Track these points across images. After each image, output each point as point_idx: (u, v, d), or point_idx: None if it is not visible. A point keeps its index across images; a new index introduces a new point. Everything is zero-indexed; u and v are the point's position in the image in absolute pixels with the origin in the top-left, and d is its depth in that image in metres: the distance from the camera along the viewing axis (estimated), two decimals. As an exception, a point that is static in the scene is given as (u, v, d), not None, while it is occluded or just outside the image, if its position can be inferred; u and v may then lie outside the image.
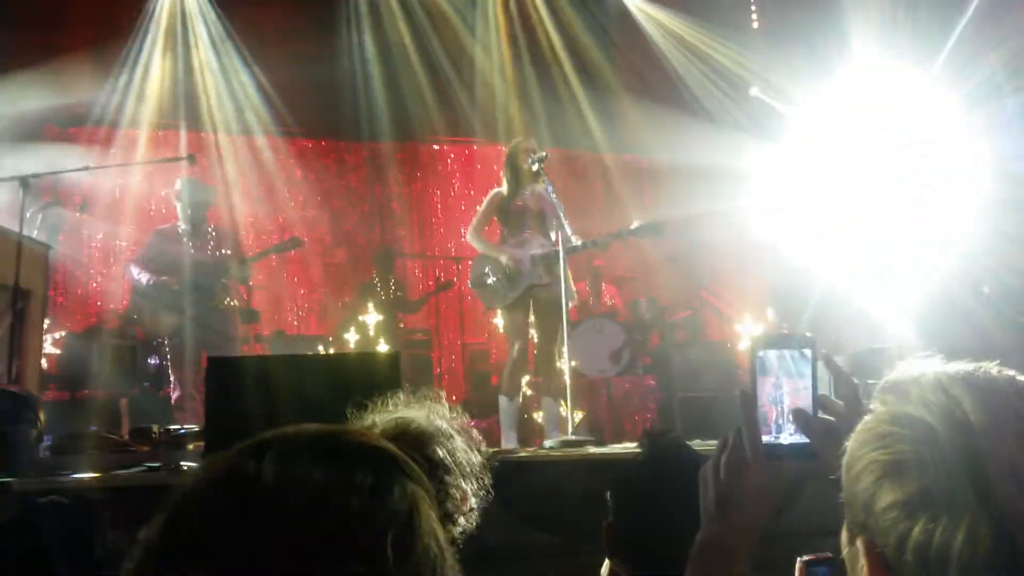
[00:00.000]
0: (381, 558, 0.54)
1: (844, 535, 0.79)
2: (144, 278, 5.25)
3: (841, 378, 0.99)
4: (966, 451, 0.69)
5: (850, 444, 0.79)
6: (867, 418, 0.79)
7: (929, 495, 0.69)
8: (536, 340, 4.97)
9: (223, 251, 5.41)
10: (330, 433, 0.61)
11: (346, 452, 0.59)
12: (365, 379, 2.69)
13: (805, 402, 0.97)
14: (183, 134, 7.73)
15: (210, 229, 5.53)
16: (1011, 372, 0.75)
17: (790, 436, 0.99)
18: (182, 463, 3.21)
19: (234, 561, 0.50)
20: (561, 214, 4.56)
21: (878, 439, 0.75)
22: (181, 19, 7.68)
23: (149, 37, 7.58)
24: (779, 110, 7.94)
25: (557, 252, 4.51)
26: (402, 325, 7.36)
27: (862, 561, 0.76)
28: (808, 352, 0.98)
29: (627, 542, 1.43)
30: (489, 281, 4.76)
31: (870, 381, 1.00)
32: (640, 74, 8.20)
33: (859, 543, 0.76)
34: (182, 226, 5.43)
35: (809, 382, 0.98)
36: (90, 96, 7.33)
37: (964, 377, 0.74)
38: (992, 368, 0.75)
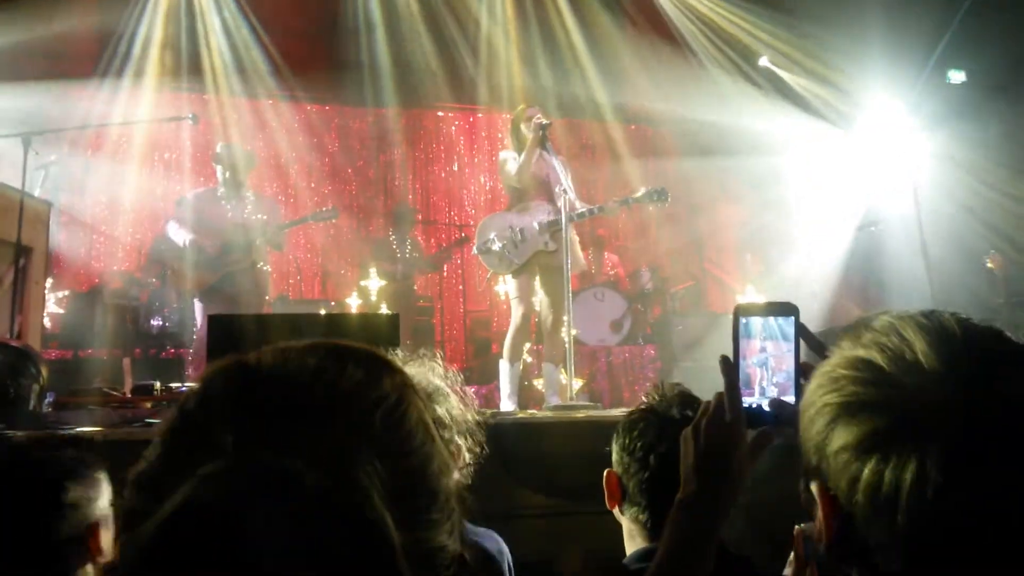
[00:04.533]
0: (369, 429, 0.58)
1: (802, 480, 0.80)
2: (180, 237, 5.29)
3: (814, 347, 0.99)
4: (916, 393, 0.69)
5: (806, 389, 0.80)
6: (822, 363, 0.80)
7: (879, 436, 0.69)
8: (540, 307, 4.98)
9: (260, 216, 5.44)
10: (324, 340, 0.67)
11: (339, 349, 0.65)
12: (365, 338, 2.70)
13: (788, 367, 0.98)
14: (186, 95, 7.68)
15: (249, 194, 5.57)
16: (963, 316, 0.76)
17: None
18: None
19: (238, 435, 0.55)
20: (566, 181, 4.54)
21: (832, 382, 0.76)
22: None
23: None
24: (788, 81, 7.88)
25: (562, 219, 4.50)
26: (415, 288, 7.33)
27: (817, 504, 0.77)
28: (791, 319, 0.99)
29: (635, 488, 1.45)
30: (495, 247, 4.76)
31: None
32: (649, 42, 8.09)
33: (813, 486, 0.77)
34: (220, 189, 5.51)
35: (793, 348, 0.99)
36: (92, 54, 7.27)
37: (916, 321, 0.75)
38: (944, 313, 0.76)
